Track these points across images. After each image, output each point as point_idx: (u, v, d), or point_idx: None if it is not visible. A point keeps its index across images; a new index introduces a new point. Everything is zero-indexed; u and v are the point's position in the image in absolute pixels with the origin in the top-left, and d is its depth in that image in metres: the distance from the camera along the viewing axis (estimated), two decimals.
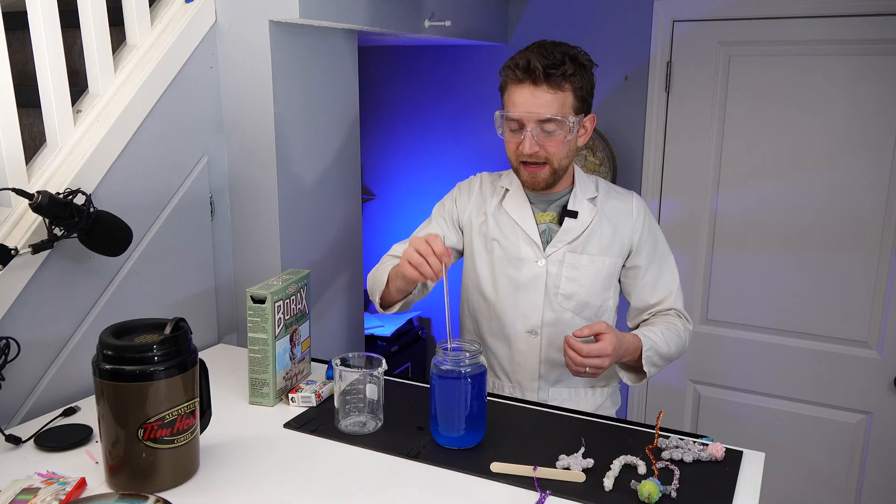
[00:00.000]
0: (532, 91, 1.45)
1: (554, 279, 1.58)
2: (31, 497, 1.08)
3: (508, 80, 1.50)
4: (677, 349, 1.57)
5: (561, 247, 1.57)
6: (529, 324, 1.60)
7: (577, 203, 1.59)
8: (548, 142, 1.48)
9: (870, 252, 2.33)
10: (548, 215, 1.60)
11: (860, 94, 2.27)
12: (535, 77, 1.44)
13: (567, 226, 1.58)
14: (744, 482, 1.19)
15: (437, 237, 1.38)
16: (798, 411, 2.51)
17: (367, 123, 3.07)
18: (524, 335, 1.60)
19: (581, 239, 1.58)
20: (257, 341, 1.43)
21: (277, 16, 1.73)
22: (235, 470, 1.20)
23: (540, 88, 1.45)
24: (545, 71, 1.43)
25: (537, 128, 1.46)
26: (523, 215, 1.60)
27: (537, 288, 1.58)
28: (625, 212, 1.61)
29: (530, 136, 1.46)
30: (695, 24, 2.45)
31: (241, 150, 1.86)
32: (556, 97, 1.45)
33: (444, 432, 1.28)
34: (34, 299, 1.40)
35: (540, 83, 1.44)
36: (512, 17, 2.75)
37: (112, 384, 1.09)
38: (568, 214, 1.58)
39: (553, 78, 1.44)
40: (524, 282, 1.59)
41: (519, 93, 1.46)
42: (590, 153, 2.64)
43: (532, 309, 1.59)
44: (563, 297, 1.58)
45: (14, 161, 1.38)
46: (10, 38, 1.58)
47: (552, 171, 1.51)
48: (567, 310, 1.59)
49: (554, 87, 1.45)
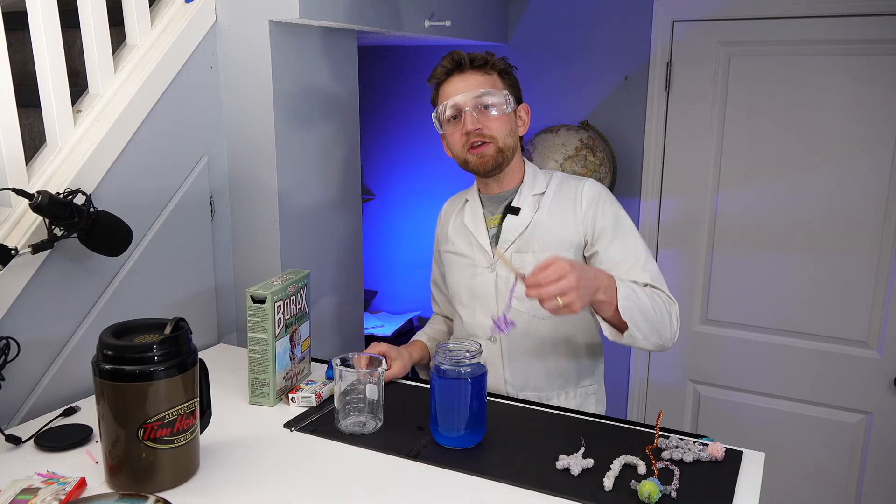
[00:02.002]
0: (460, 77, 1.53)
1: (505, 282, 1.56)
2: (31, 497, 1.08)
3: (437, 80, 1.57)
4: (656, 309, 1.40)
5: (507, 248, 1.55)
6: (488, 331, 1.59)
7: (520, 199, 1.57)
8: (487, 119, 1.51)
9: (870, 252, 2.33)
10: (496, 217, 1.60)
11: (860, 94, 2.27)
12: (461, 66, 1.54)
13: (508, 224, 1.56)
14: (744, 482, 1.19)
15: None
16: (798, 411, 2.51)
17: (367, 123, 3.07)
18: (485, 342, 1.59)
19: (524, 237, 1.54)
20: (257, 341, 1.43)
21: (277, 16, 1.73)
22: (235, 470, 1.20)
23: (467, 73, 1.53)
24: (470, 58, 1.54)
25: (475, 107, 1.51)
26: (475, 221, 1.61)
27: (489, 294, 1.58)
28: (573, 203, 1.54)
29: (469, 114, 1.51)
30: (695, 24, 2.45)
31: (241, 150, 1.86)
32: (484, 78, 1.53)
33: (444, 432, 1.28)
34: (34, 299, 1.40)
35: (466, 69, 1.53)
36: (512, 17, 2.75)
37: (112, 384, 1.09)
38: (510, 211, 1.56)
39: (477, 62, 1.54)
40: (479, 289, 1.59)
41: (449, 84, 1.54)
42: (590, 153, 2.63)
43: (487, 316, 1.58)
44: (516, 300, 1.53)
45: (14, 161, 1.39)
46: (10, 38, 1.59)
47: (497, 150, 1.52)
48: (522, 311, 1.55)
49: (480, 70, 1.54)
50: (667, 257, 2.61)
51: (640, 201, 2.62)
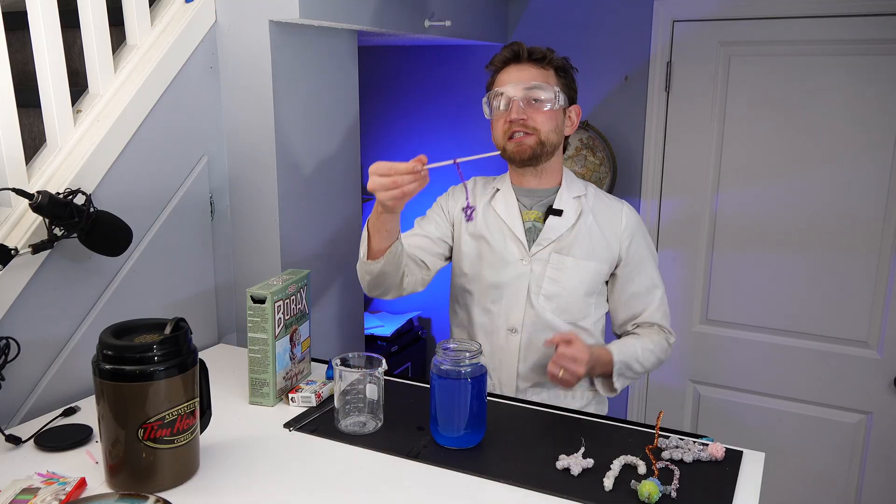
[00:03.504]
0: (517, 67, 1.56)
1: (537, 279, 1.58)
2: (31, 497, 1.08)
3: (495, 67, 1.59)
4: (651, 365, 1.60)
5: (546, 246, 1.58)
6: (511, 322, 1.60)
7: (562, 202, 1.60)
8: (534, 111, 1.53)
9: (870, 252, 2.33)
10: (533, 213, 1.61)
11: (860, 94, 2.27)
12: (518, 57, 1.56)
13: (551, 224, 1.58)
14: (744, 482, 1.19)
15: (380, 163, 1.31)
16: (798, 411, 2.51)
17: (367, 123, 3.07)
18: (505, 332, 1.61)
19: (566, 240, 1.58)
20: (257, 341, 1.43)
21: (277, 16, 1.73)
22: (235, 470, 1.20)
23: (524, 64, 1.56)
24: (529, 51, 1.56)
25: (524, 98, 1.52)
26: (510, 213, 1.61)
27: (520, 286, 1.59)
28: (613, 219, 1.62)
29: (517, 104, 1.52)
30: (695, 24, 2.45)
31: (241, 150, 1.86)
32: (540, 72, 1.55)
33: (444, 432, 1.28)
34: (34, 299, 1.40)
35: (524, 61, 1.56)
36: (512, 17, 2.75)
37: (112, 384, 1.09)
38: (552, 213, 1.59)
39: (535, 57, 1.56)
40: (508, 280, 1.59)
41: (505, 73, 1.57)
42: (590, 153, 2.64)
43: (514, 307, 1.59)
44: (544, 297, 1.58)
45: (14, 161, 1.38)
46: (10, 38, 1.59)
47: (538, 142, 1.54)
48: (548, 310, 1.58)
49: (537, 64, 1.56)
50: (667, 257, 2.61)
51: (640, 201, 2.62)
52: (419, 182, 1.29)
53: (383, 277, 1.50)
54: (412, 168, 1.27)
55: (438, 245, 1.66)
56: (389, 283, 1.52)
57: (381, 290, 1.55)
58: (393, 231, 1.44)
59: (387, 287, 1.54)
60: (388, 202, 1.32)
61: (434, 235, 1.66)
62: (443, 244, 1.67)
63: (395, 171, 1.28)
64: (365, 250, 1.49)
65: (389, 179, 1.28)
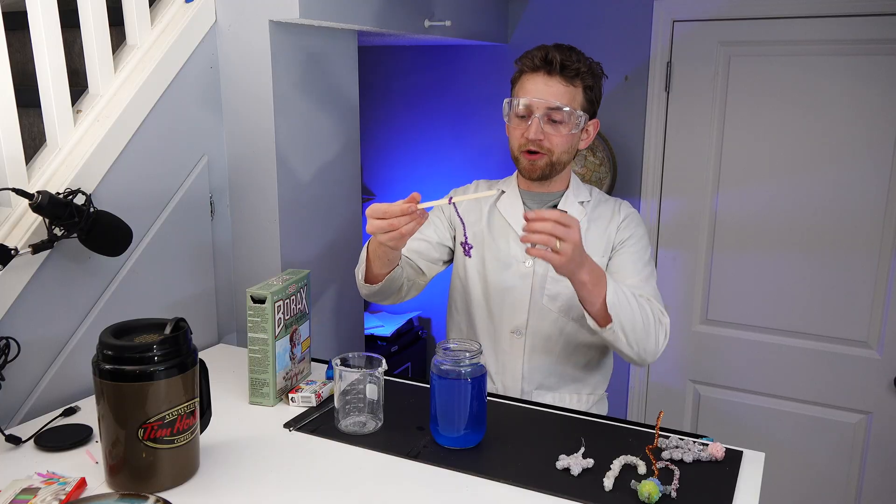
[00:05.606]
0: (546, 80, 1.49)
1: (540, 279, 1.58)
2: (31, 497, 1.08)
3: (524, 69, 1.54)
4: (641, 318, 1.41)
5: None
6: (514, 324, 1.60)
7: (567, 205, 1.60)
8: (552, 133, 1.50)
9: (870, 252, 2.33)
10: None
11: (860, 94, 2.27)
12: (550, 67, 1.49)
13: None
14: (744, 482, 1.19)
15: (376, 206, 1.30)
16: (798, 411, 2.51)
17: (367, 123, 3.07)
18: (508, 335, 1.60)
19: None
20: (257, 341, 1.43)
21: (277, 16, 1.73)
22: (235, 470, 1.20)
23: (553, 79, 1.49)
24: (561, 63, 1.48)
25: (545, 116, 1.49)
26: (514, 214, 1.61)
27: (524, 288, 1.59)
28: (612, 216, 1.62)
29: (537, 122, 1.49)
30: (695, 24, 2.45)
31: (241, 150, 1.86)
32: (567, 90, 1.50)
33: (444, 432, 1.28)
34: (34, 299, 1.40)
35: (554, 74, 1.49)
36: (512, 17, 2.75)
37: (112, 384, 1.09)
38: None
39: (567, 71, 1.49)
40: (511, 281, 1.59)
41: (532, 81, 1.51)
42: (590, 153, 2.64)
43: (518, 309, 1.59)
44: (548, 297, 1.58)
45: (14, 161, 1.38)
46: (10, 38, 1.59)
47: (550, 163, 1.53)
48: (552, 310, 1.59)
49: (567, 80, 1.50)
50: (667, 257, 2.61)
51: (639, 201, 2.62)
52: (416, 221, 1.29)
53: (381, 295, 1.54)
54: (406, 210, 1.28)
55: (438, 250, 1.66)
56: (387, 297, 1.56)
57: (378, 300, 1.58)
58: (394, 260, 1.46)
59: (383, 298, 1.57)
60: (388, 243, 1.33)
61: (434, 240, 1.66)
62: (442, 249, 1.67)
63: (390, 214, 1.28)
64: (363, 274, 1.51)
65: (386, 223, 1.28)
